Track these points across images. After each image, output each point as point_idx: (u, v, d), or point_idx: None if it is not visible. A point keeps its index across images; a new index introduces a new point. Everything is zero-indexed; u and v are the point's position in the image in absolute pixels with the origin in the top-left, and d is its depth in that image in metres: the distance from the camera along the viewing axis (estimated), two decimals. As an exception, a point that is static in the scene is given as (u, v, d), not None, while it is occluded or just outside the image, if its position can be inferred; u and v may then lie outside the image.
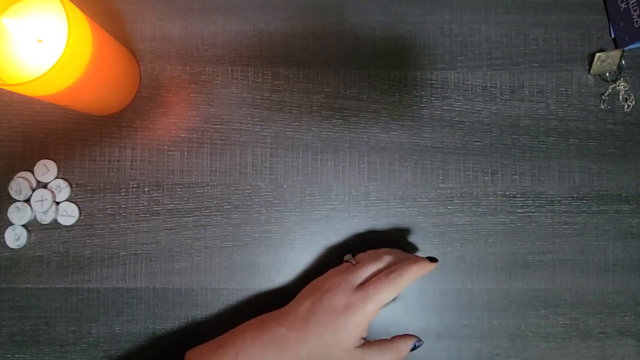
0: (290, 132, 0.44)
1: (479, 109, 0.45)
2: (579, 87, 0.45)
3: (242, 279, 0.43)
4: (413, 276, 0.36)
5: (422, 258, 0.37)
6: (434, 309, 0.44)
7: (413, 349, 0.37)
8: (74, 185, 0.43)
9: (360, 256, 0.39)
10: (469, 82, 0.45)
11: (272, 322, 0.36)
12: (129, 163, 0.44)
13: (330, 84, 0.45)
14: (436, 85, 0.45)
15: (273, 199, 0.44)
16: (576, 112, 0.45)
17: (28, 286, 0.43)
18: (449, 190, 0.44)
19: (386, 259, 0.38)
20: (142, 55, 0.44)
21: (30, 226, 0.43)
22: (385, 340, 0.37)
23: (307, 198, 0.44)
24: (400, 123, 0.44)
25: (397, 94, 0.45)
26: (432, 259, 0.37)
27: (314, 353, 0.35)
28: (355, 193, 0.44)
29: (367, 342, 0.36)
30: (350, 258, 0.39)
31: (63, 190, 0.43)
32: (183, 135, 0.44)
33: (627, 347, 0.44)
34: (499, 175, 0.44)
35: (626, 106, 0.45)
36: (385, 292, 0.35)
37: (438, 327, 0.43)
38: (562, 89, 0.45)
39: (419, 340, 0.38)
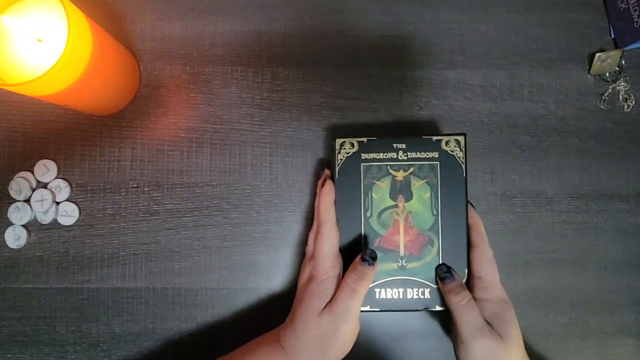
0: (290, 132, 0.44)
1: (478, 108, 0.45)
2: (579, 87, 0.45)
3: (242, 279, 0.43)
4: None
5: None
6: (434, 309, 0.44)
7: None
8: (74, 185, 0.43)
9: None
10: (469, 82, 0.45)
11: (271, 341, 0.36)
12: (129, 163, 0.44)
13: (330, 84, 0.45)
14: (436, 85, 0.45)
15: (273, 198, 0.44)
16: (576, 111, 0.45)
17: (28, 286, 0.43)
18: (448, 190, 0.44)
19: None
20: (142, 55, 0.44)
21: (30, 226, 0.43)
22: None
23: (307, 198, 0.44)
24: (400, 123, 0.44)
25: (397, 94, 0.45)
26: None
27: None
28: (355, 193, 0.44)
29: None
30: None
31: (63, 190, 0.43)
32: (183, 135, 0.44)
33: (627, 346, 0.44)
34: (499, 175, 0.44)
35: (626, 106, 0.45)
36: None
37: (438, 326, 0.44)
38: (561, 88, 0.45)
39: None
